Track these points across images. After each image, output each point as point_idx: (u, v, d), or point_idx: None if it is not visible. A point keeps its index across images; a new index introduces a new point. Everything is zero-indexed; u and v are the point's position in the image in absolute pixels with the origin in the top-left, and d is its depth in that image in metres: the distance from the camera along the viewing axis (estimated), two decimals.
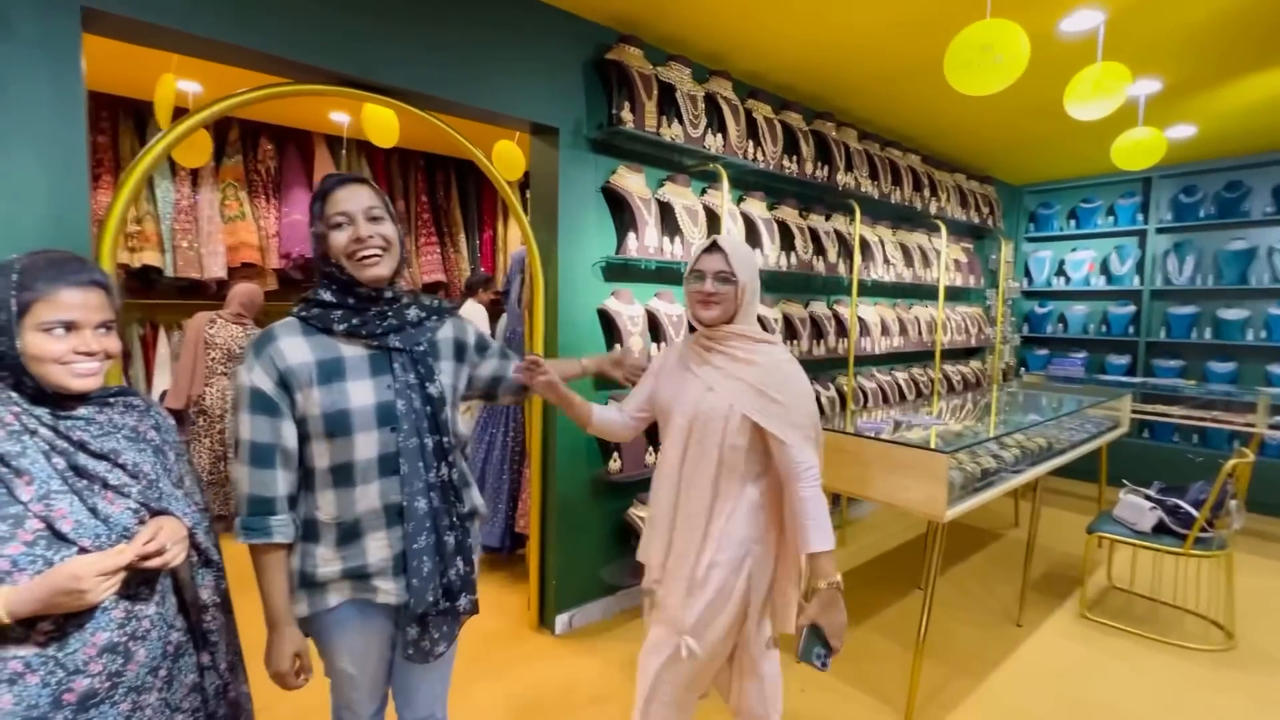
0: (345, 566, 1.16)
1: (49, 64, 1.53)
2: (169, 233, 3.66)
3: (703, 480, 1.37)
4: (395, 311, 1.18)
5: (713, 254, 1.40)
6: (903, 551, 3.58)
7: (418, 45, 2.10)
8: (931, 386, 4.44)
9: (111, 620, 0.92)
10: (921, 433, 2.37)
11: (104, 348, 0.96)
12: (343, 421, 1.12)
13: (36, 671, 0.87)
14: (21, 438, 0.90)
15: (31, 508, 0.87)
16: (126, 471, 0.96)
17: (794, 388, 1.36)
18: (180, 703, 1.02)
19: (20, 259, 0.93)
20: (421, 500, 1.15)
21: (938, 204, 4.32)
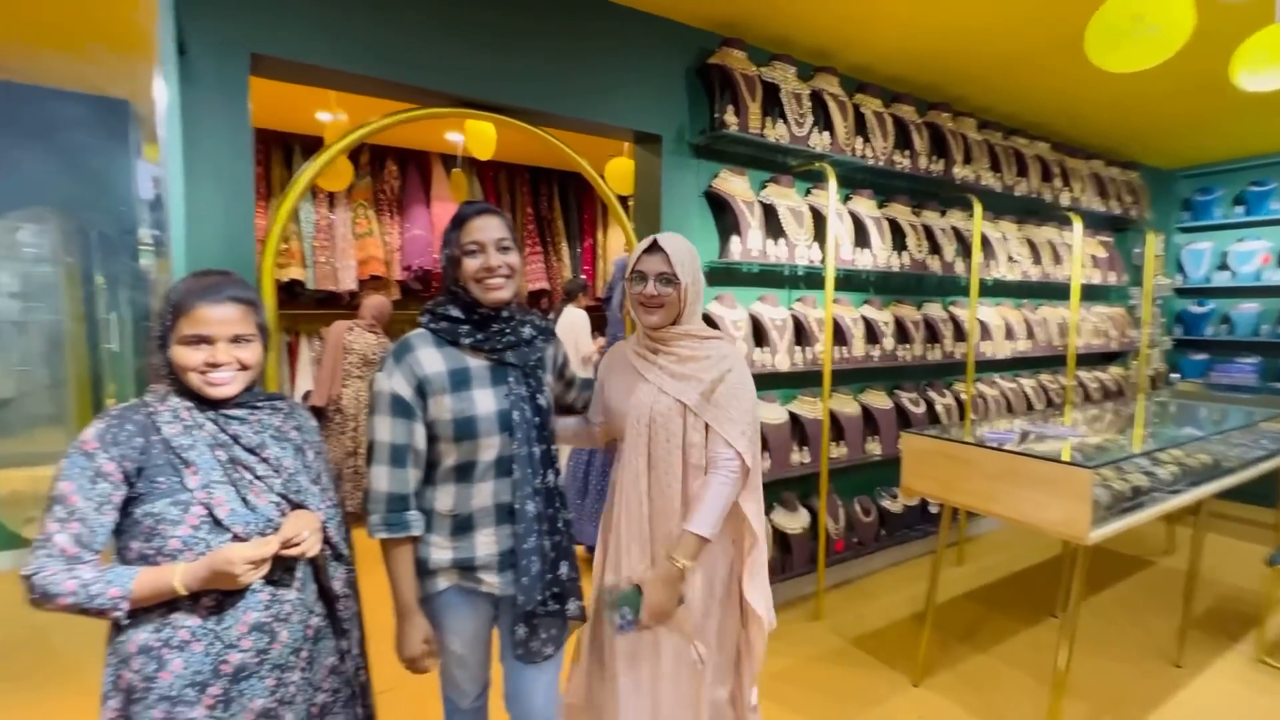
0: (455, 556, 1.25)
1: (224, 105, 1.75)
2: (310, 250, 4.06)
3: (673, 481, 1.35)
4: (513, 329, 1.28)
5: (653, 254, 1.36)
6: (1032, 575, 3.27)
7: (528, 65, 2.19)
8: (1064, 395, 4.04)
9: (259, 602, 1.02)
10: (1056, 445, 2.16)
11: (236, 358, 1.03)
12: (470, 427, 1.22)
13: (200, 641, 0.98)
14: (192, 431, 1.01)
15: (197, 495, 0.98)
16: (270, 465, 1.05)
17: (735, 383, 1.36)
18: (321, 683, 1.11)
19: (180, 281, 1.05)
20: (531, 503, 1.24)
21: (1070, 195, 3.93)
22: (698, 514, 1.32)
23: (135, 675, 0.96)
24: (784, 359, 2.71)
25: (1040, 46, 2.75)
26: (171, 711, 0.95)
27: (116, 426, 0.99)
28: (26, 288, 4.06)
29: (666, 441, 1.35)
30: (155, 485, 0.97)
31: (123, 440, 0.97)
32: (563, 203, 5.17)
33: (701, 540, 1.31)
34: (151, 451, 0.98)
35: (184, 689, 0.96)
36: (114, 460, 0.96)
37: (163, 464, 0.98)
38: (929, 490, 2.27)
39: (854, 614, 2.83)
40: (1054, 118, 3.71)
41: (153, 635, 0.97)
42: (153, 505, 0.97)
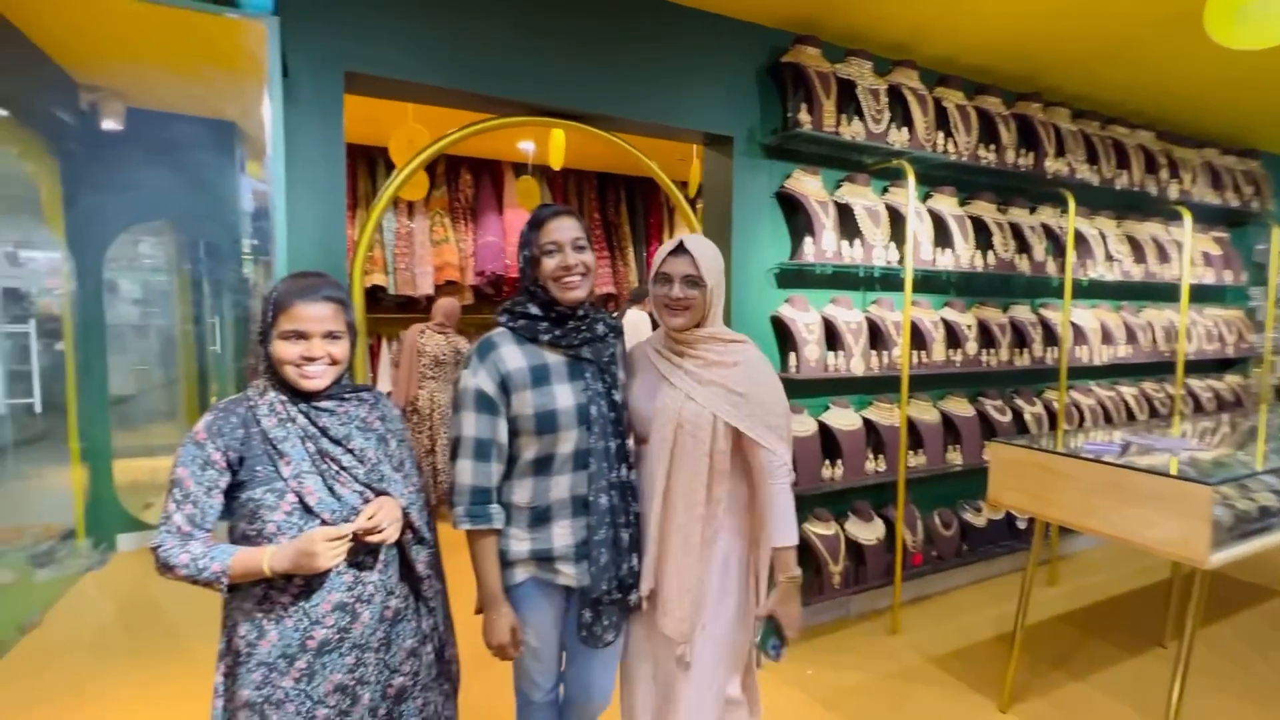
0: (533, 548, 1.29)
1: (321, 121, 1.86)
2: (391, 257, 4.27)
3: (696, 488, 1.34)
4: (588, 326, 1.32)
5: (679, 256, 1.35)
6: (1135, 600, 3.02)
7: (600, 71, 2.23)
8: (1171, 405, 3.71)
9: (343, 583, 1.10)
10: (1165, 458, 1.98)
11: (328, 353, 1.11)
12: (551, 421, 1.26)
13: (291, 616, 1.08)
14: (286, 424, 1.10)
15: (290, 483, 1.07)
16: (355, 456, 1.13)
17: (767, 387, 1.37)
18: (399, 665, 1.17)
19: (280, 282, 1.13)
20: (604, 497, 1.28)
21: (1179, 187, 3.62)
22: (778, 528, 1.35)
23: (241, 641, 1.07)
24: (859, 363, 2.62)
25: (1142, 27, 2.55)
26: (268, 676, 1.06)
27: (222, 419, 1.09)
28: (146, 294, 4.47)
29: (694, 449, 1.34)
30: (255, 473, 1.07)
31: (227, 431, 1.07)
32: (629, 208, 5.21)
33: (793, 549, 1.36)
34: (251, 442, 1.08)
35: (277, 659, 1.06)
36: (220, 450, 1.06)
37: (261, 454, 1.07)
38: (1018, 503, 2.13)
39: (933, 631, 2.69)
40: (1158, 103, 3.43)
41: (256, 607, 1.08)
42: (253, 491, 1.06)
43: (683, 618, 1.36)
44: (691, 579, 1.36)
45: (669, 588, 1.36)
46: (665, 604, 1.37)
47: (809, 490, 2.55)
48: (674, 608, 1.36)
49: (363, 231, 2.04)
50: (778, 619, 1.37)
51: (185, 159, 3.29)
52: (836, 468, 2.61)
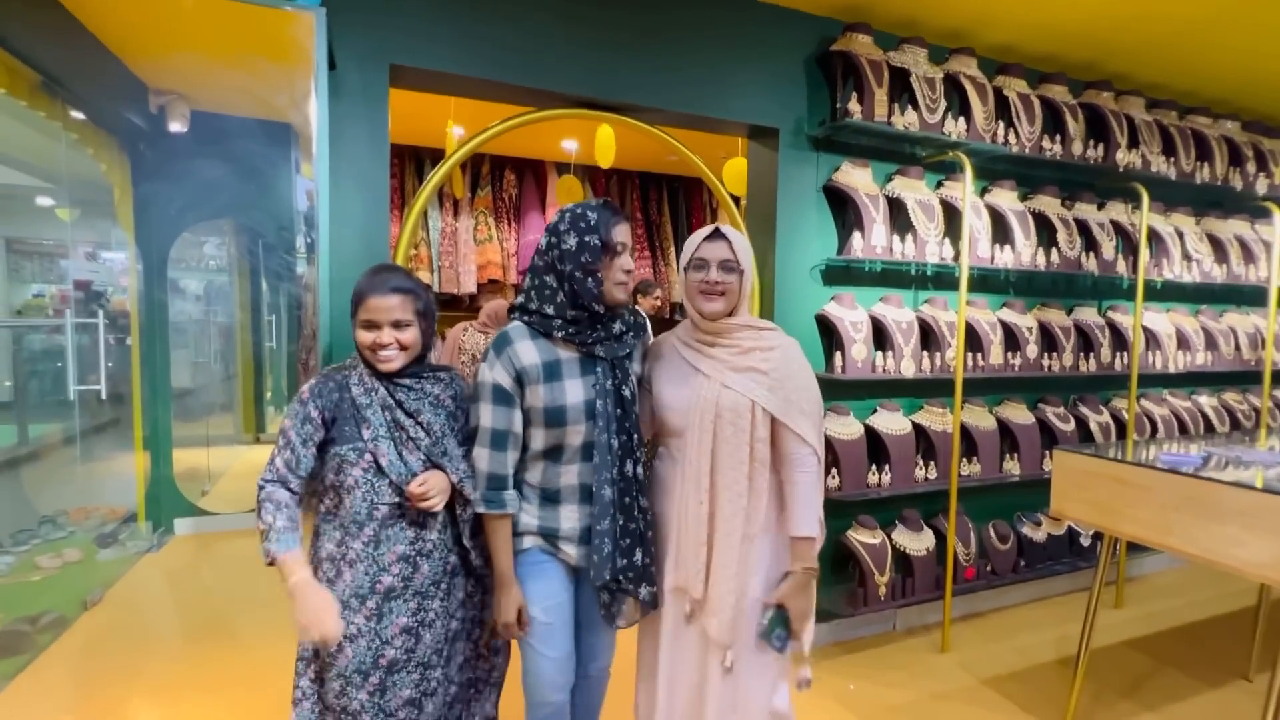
0: (541, 524, 1.34)
1: (367, 115, 1.88)
2: (436, 255, 4.34)
3: (739, 478, 1.32)
4: (604, 325, 1.33)
5: (715, 242, 1.36)
6: (1215, 627, 2.78)
7: (644, 62, 2.19)
8: (1257, 417, 3.43)
9: (406, 537, 1.27)
10: (1251, 472, 1.80)
11: (396, 339, 1.26)
12: (559, 415, 1.29)
13: (363, 562, 1.25)
14: (370, 394, 1.27)
15: (368, 445, 1.24)
16: (423, 428, 1.28)
17: (801, 373, 1.36)
18: (455, 611, 1.34)
19: (362, 276, 1.29)
20: (608, 489, 1.30)
21: (1268, 181, 3.34)
22: (799, 516, 1.34)
23: (323, 577, 1.25)
24: (909, 364, 2.50)
25: (1224, 7, 2.35)
26: (344, 613, 1.23)
27: (323, 383, 1.27)
28: (206, 291, 4.68)
29: (734, 438, 1.32)
30: (343, 432, 1.25)
31: (325, 394, 1.26)
32: (671, 207, 5.17)
33: (813, 540, 1.34)
34: (343, 405, 1.26)
35: (350, 598, 1.23)
36: (318, 408, 1.25)
37: (349, 416, 1.26)
38: (1085, 516, 1.98)
39: (987, 651, 2.54)
40: (1244, 89, 3.17)
41: (335, 548, 1.26)
42: (340, 448, 1.24)
43: (728, 620, 1.32)
44: (735, 578, 1.32)
45: (716, 588, 1.33)
46: (712, 602, 1.33)
47: (854, 495, 2.44)
48: (721, 608, 1.32)
49: (405, 227, 2.06)
50: (787, 609, 1.33)
51: (245, 159, 3.42)
52: (884, 474, 2.49)
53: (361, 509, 1.25)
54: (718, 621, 1.33)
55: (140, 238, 3.51)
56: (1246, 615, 2.81)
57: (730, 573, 1.32)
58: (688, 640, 1.40)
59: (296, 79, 1.64)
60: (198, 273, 4.63)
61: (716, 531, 1.34)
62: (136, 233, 3.51)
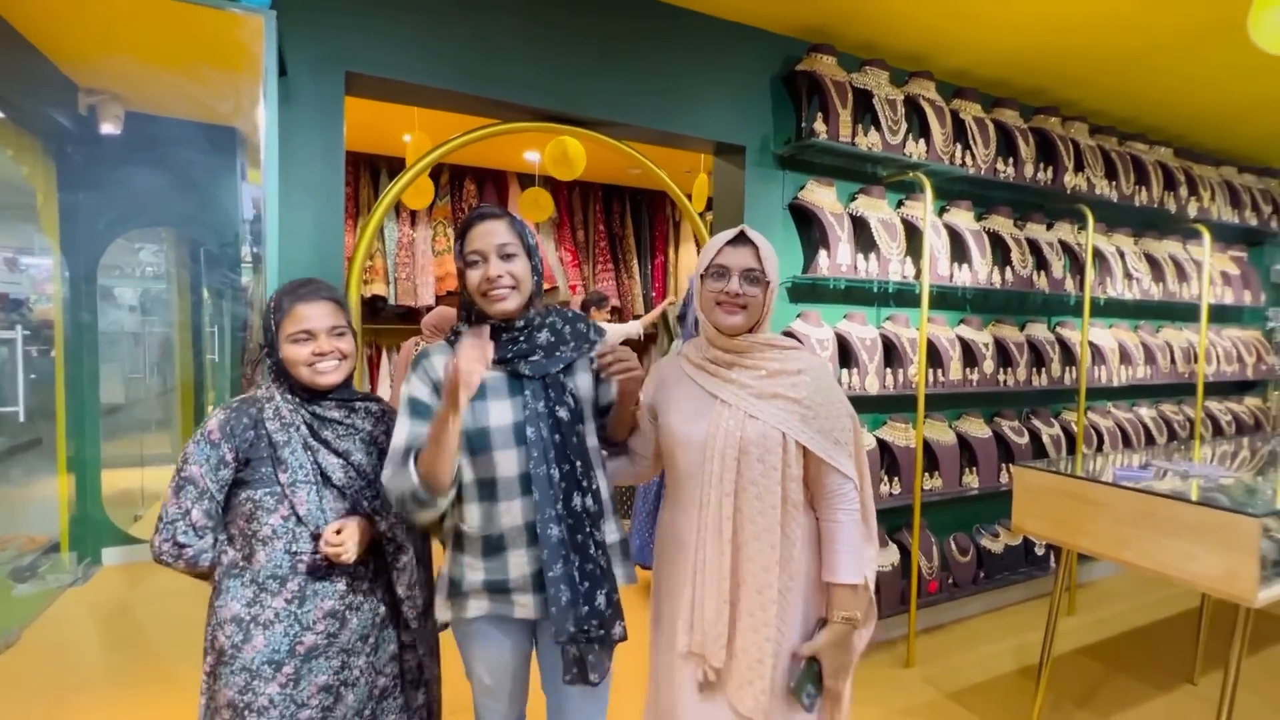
0: (487, 578, 1.17)
1: (320, 123, 1.79)
2: (392, 266, 4.20)
3: (771, 524, 1.13)
4: (526, 338, 1.18)
5: (739, 247, 1.18)
6: (1160, 631, 2.89)
7: (609, 77, 2.16)
8: (1190, 428, 3.61)
9: (336, 590, 1.12)
10: (1200, 485, 1.88)
11: (337, 348, 1.14)
12: (483, 439, 1.15)
13: (282, 622, 1.09)
14: (289, 429, 1.12)
15: (286, 490, 1.10)
16: (354, 469, 1.14)
17: (835, 399, 1.19)
18: (383, 667, 1.19)
19: (277, 291, 1.16)
20: (555, 528, 1.14)
21: (1198, 204, 3.54)
22: (841, 563, 1.17)
23: (226, 640, 1.07)
24: (873, 381, 2.52)
25: (1159, 43, 2.49)
26: (250, 683, 1.06)
27: (235, 418, 1.11)
28: (142, 301, 4.40)
29: (763, 477, 1.14)
30: (258, 474, 1.09)
31: (239, 431, 1.10)
32: (635, 220, 5.15)
33: (857, 588, 1.17)
34: (259, 443, 1.10)
35: (262, 665, 1.06)
36: (232, 449, 1.09)
37: (265, 456, 1.10)
38: (1044, 531, 2.02)
39: (950, 664, 2.57)
40: (1177, 120, 3.37)
41: (244, 609, 1.08)
42: (254, 493, 1.09)
43: (764, 690, 1.12)
44: (770, 641, 1.13)
45: (746, 653, 1.14)
46: (741, 674, 1.14)
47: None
48: (754, 677, 1.13)
49: (360, 238, 1.96)
50: (821, 663, 1.16)
51: (185, 164, 3.22)
52: None
53: (283, 562, 1.09)
54: (751, 694, 1.13)
55: (66, 245, 3.27)
56: (1188, 618, 2.93)
57: (764, 635, 1.13)
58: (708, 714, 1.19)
59: (243, 84, 1.54)
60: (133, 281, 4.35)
61: (743, 587, 1.15)
62: (62, 239, 3.27)
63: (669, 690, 1.25)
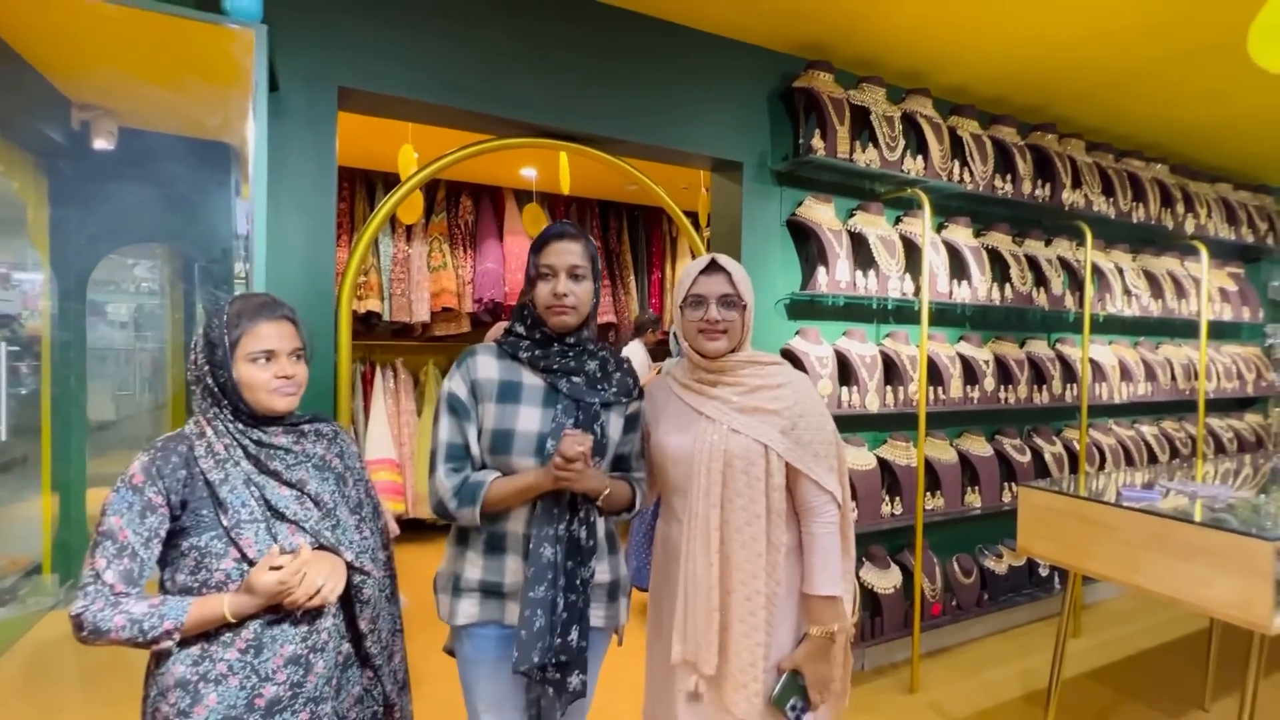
0: (484, 577, 1.18)
1: (312, 139, 1.76)
2: (387, 282, 4.16)
3: (757, 534, 1.19)
4: (574, 357, 1.21)
5: (712, 275, 1.24)
6: (1168, 655, 2.83)
7: (606, 93, 2.14)
8: (1192, 445, 3.58)
9: (296, 634, 1.00)
10: (1202, 505, 1.84)
11: (298, 372, 1.05)
12: (506, 441, 1.17)
13: (237, 675, 0.96)
14: (226, 466, 0.99)
15: (230, 533, 0.97)
16: (310, 499, 1.03)
17: (815, 413, 1.25)
18: (347, 712, 1.08)
19: (228, 303, 1.05)
20: (548, 548, 1.15)
21: (1195, 221, 3.55)
22: (817, 575, 1.21)
23: (171, 709, 0.94)
24: (873, 399, 2.49)
25: (1156, 61, 2.49)
26: None
27: (161, 459, 0.98)
28: (133, 318, 4.35)
29: (748, 488, 1.19)
30: (200, 518, 0.97)
31: (168, 473, 0.97)
32: (631, 236, 5.14)
33: (834, 600, 1.21)
34: (195, 484, 0.98)
35: None
36: (161, 493, 0.96)
37: (204, 497, 0.98)
38: (1051, 554, 1.98)
39: (955, 689, 2.51)
40: (1173, 137, 3.38)
41: (190, 669, 0.95)
42: (198, 539, 0.96)
43: (757, 694, 1.18)
44: (761, 646, 1.18)
45: (739, 658, 1.19)
46: (734, 678, 1.19)
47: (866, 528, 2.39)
48: (747, 681, 1.18)
49: (353, 254, 1.93)
50: (803, 675, 1.20)
51: (177, 180, 3.19)
52: (852, 510, 2.46)
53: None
54: (745, 698, 1.17)
55: (56, 260, 3.23)
56: (1196, 640, 2.88)
57: (755, 640, 1.17)
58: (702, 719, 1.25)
59: (233, 99, 1.52)
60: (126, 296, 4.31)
61: (733, 594, 1.19)
62: (52, 255, 3.22)
63: (665, 698, 1.30)
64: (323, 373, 1.80)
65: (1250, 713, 1.62)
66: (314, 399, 1.23)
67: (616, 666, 1.81)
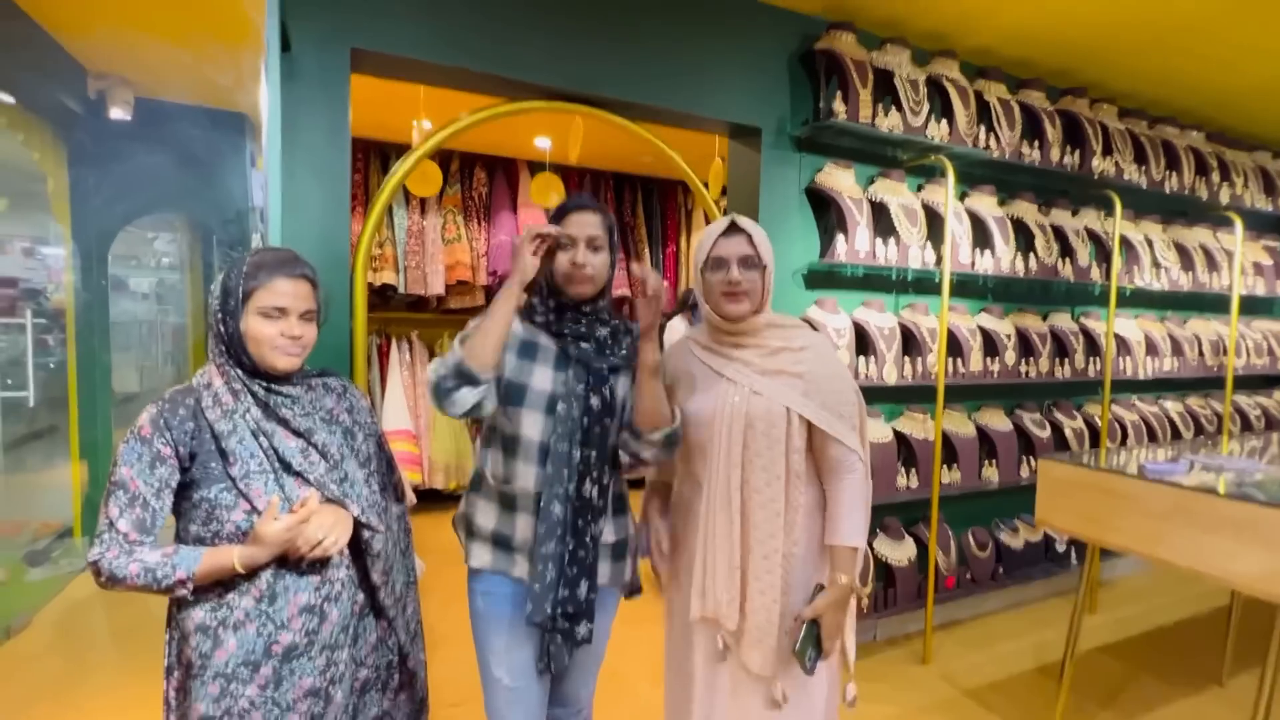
0: (496, 527, 1.23)
1: (325, 101, 1.74)
2: (402, 255, 4.16)
3: (776, 494, 1.21)
4: (587, 324, 1.24)
5: (732, 237, 1.23)
6: (1186, 631, 2.80)
7: (622, 55, 2.10)
8: (1219, 422, 3.50)
9: (309, 584, 1.02)
10: (1229, 479, 1.80)
11: (305, 333, 1.04)
12: (518, 393, 1.20)
13: (254, 622, 0.98)
14: (234, 417, 0.99)
15: (238, 484, 0.98)
16: (317, 450, 1.04)
17: (837, 374, 1.26)
18: (365, 658, 1.11)
19: (249, 255, 1.04)
20: (558, 505, 1.18)
21: (1230, 191, 3.42)
22: (842, 525, 1.22)
23: (193, 652, 0.98)
24: (891, 371, 2.45)
25: (1192, 19, 2.38)
26: (227, 688, 0.97)
27: (169, 411, 0.98)
28: (153, 289, 4.41)
29: (768, 450, 1.21)
30: (209, 470, 0.98)
31: (175, 424, 0.97)
32: (646, 208, 5.08)
33: (855, 551, 1.22)
34: (203, 436, 0.98)
35: (238, 667, 0.97)
36: (169, 444, 0.97)
37: (212, 449, 0.98)
38: (1070, 526, 1.95)
39: (968, 661, 2.51)
40: (1209, 102, 3.24)
41: (209, 614, 0.98)
42: (208, 490, 0.98)
43: (772, 648, 1.21)
44: (778, 603, 1.21)
45: (756, 615, 1.21)
46: (751, 634, 1.22)
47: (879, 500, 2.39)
48: (763, 636, 1.21)
49: (366, 223, 1.92)
50: (820, 625, 1.20)
51: (194, 149, 3.20)
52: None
53: None
54: (760, 653, 1.21)
55: (77, 232, 3.26)
56: (1215, 617, 2.85)
57: (771, 598, 1.20)
58: (724, 677, 1.27)
59: (245, 59, 1.50)
60: (148, 270, 4.36)
61: (751, 553, 1.22)
62: (73, 226, 3.26)
63: (685, 654, 1.33)
64: (339, 343, 1.81)
65: (1271, 688, 1.60)
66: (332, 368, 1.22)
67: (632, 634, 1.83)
